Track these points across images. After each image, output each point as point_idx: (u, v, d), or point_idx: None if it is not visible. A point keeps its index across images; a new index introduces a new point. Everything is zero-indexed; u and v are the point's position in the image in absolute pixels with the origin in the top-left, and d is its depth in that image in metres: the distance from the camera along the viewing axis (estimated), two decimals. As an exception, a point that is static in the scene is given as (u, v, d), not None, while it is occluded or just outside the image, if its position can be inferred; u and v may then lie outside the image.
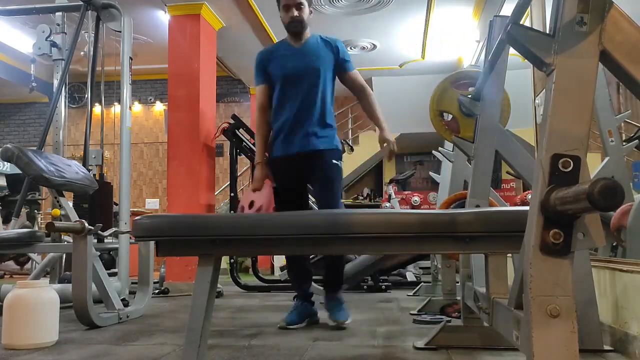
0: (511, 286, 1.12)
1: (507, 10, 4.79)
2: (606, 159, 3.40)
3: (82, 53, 4.24)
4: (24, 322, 2.13)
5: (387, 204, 7.12)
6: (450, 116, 2.60)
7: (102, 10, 3.77)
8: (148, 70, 8.49)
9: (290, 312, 2.75)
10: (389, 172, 9.22)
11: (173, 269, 4.87)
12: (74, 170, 2.94)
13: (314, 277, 3.06)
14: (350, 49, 7.01)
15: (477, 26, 6.03)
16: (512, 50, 1.29)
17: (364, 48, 7.01)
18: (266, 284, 5.00)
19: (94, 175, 3.76)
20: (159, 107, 9.57)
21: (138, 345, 2.21)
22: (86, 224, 2.61)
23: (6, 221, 4.90)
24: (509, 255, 2.02)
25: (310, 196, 4.99)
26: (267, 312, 3.27)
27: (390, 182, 7.71)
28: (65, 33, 4.00)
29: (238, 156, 5.15)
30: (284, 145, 2.74)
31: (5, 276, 6.78)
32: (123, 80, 3.67)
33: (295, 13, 2.70)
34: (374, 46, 6.95)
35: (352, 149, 6.96)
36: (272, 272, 6.96)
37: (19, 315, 2.14)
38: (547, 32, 1.03)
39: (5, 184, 7.57)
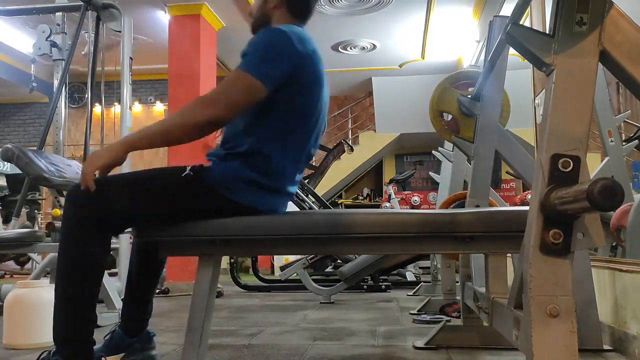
0: (511, 286, 1.12)
1: (507, 10, 4.79)
2: (606, 159, 3.40)
3: (82, 53, 4.24)
4: (25, 322, 2.13)
5: (387, 204, 7.12)
6: (450, 116, 2.60)
7: (102, 10, 3.76)
8: (148, 70, 8.49)
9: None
10: (389, 172, 9.22)
11: (173, 269, 4.87)
12: (74, 170, 2.94)
13: (313, 277, 3.05)
14: (350, 49, 7.01)
15: (477, 26, 6.04)
16: (512, 50, 1.29)
17: (363, 48, 7.01)
18: (266, 284, 5.00)
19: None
20: (159, 107, 9.57)
21: (138, 345, 2.21)
22: (86, 224, 2.60)
23: (6, 221, 4.90)
24: (509, 255, 2.02)
25: (310, 195, 4.99)
26: (267, 312, 3.28)
27: (390, 182, 7.71)
28: (66, 33, 3.99)
29: (238, 156, 5.15)
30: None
31: (6, 276, 6.78)
32: (123, 80, 3.67)
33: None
34: (374, 46, 6.95)
35: (352, 149, 6.97)
36: (272, 272, 6.96)
37: (19, 315, 2.15)
38: (547, 32, 1.03)
39: (5, 184, 7.57)
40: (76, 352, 1.44)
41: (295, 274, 4.01)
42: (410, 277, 5.35)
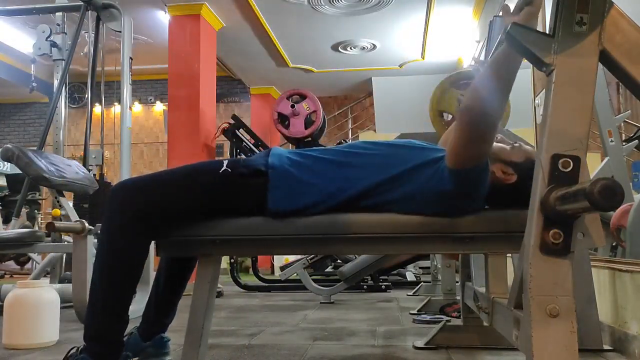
0: (511, 286, 1.12)
1: (507, 10, 4.79)
2: (606, 159, 3.40)
3: (82, 53, 4.24)
4: (25, 322, 2.13)
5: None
6: (451, 116, 2.59)
7: (102, 10, 3.76)
8: (148, 70, 8.49)
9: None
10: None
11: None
12: (74, 170, 2.94)
13: (313, 277, 3.04)
14: (350, 49, 7.01)
15: (477, 26, 6.03)
16: (512, 51, 1.28)
17: (363, 48, 7.01)
18: (266, 284, 5.00)
19: (94, 175, 3.76)
20: (159, 107, 9.58)
21: (138, 345, 2.21)
22: (86, 224, 2.61)
23: (6, 221, 4.90)
24: (509, 255, 2.02)
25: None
26: (267, 312, 3.28)
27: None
28: (66, 33, 4.00)
29: (238, 156, 5.15)
30: None
31: (6, 276, 6.78)
32: (123, 80, 3.67)
33: None
34: (374, 46, 6.95)
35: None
36: (272, 272, 6.96)
37: (19, 315, 2.14)
38: (547, 32, 1.03)
39: (5, 184, 7.57)
40: (106, 350, 1.43)
41: (295, 274, 4.01)
42: (410, 277, 5.35)
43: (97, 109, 4.32)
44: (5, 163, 7.77)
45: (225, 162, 1.45)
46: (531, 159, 1.35)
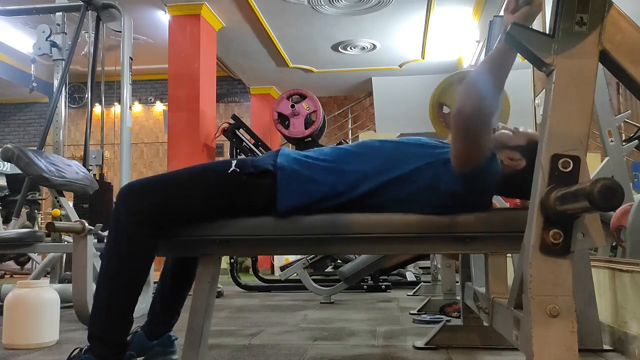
0: (511, 286, 1.12)
1: (507, 10, 4.78)
2: (606, 159, 3.39)
3: (82, 53, 4.24)
4: (25, 322, 2.13)
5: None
6: (449, 110, 2.59)
7: (102, 10, 3.76)
8: (148, 70, 8.49)
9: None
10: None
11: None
12: (74, 170, 2.94)
13: (313, 277, 3.04)
14: (350, 49, 7.01)
15: (477, 26, 6.03)
16: (512, 51, 1.28)
17: (363, 48, 7.01)
18: (266, 284, 5.00)
19: (94, 175, 3.75)
20: (159, 107, 9.57)
21: (138, 345, 2.21)
22: (86, 224, 2.61)
23: (6, 221, 4.90)
24: (509, 255, 2.02)
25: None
26: (267, 312, 3.28)
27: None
28: (66, 33, 4.00)
29: (238, 156, 5.15)
30: None
31: (6, 276, 6.78)
32: (123, 80, 3.67)
33: None
34: (374, 46, 6.95)
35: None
36: (272, 272, 6.96)
37: (19, 315, 2.14)
38: (547, 32, 1.03)
39: (5, 184, 7.58)
40: (110, 351, 1.43)
41: (295, 274, 4.01)
42: (410, 277, 5.35)
43: (97, 109, 4.32)
44: (5, 163, 7.77)
45: (234, 162, 1.45)
46: (535, 141, 1.33)
